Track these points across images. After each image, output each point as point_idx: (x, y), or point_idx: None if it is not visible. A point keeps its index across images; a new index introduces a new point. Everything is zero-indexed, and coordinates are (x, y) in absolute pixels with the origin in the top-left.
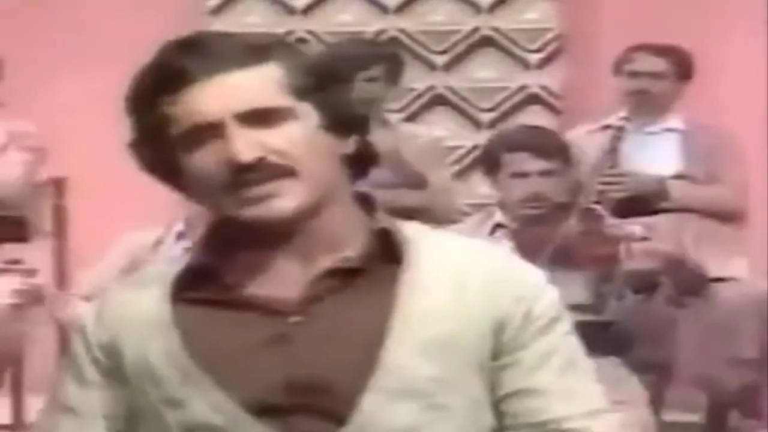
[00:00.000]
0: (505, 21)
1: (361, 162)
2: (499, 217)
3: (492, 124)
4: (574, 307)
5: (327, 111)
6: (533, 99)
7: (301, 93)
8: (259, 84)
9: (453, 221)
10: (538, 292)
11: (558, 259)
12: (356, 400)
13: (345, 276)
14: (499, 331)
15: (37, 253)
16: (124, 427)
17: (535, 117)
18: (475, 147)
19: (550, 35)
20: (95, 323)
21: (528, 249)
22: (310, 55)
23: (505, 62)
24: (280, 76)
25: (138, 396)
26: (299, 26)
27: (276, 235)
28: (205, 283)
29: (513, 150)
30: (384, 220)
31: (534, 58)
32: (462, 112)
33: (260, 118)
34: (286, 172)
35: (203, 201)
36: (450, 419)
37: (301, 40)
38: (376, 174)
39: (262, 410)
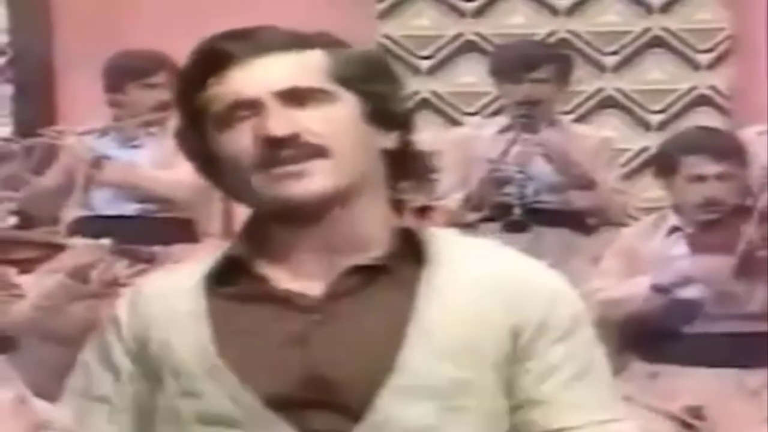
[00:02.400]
0: (675, 21)
1: (402, 160)
2: (674, 219)
3: (661, 126)
4: (754, 316)
5: (370, 102)
6: (703, 100)
7: (346, 81)
8: (302, 66)
9: (623, 223)
10: (556, 299)
11: (742, 270)
12: (372, 399)
13: (368, 274)
14: (515, 337)
15: (206, 255)
16: (146, 420)
17: (704, 118)
18: (643, 149)
19: (721, 35)
20: (130, 315)
21: (706, 253)
22: (358, 49)
23: (675, 63)
24: (325, 63)
25: (156, 388)
26: (469, 29)
27: (306, 222)
28: (236, 277)
29: (691, 152)
30: (409, 221)
31: (704, 58)
32: (631, 114)
33: (299, 97)
34: (319, 152)
35: (236, 188)
36: (466, 421)
37: (471, 43)
38: (546, 175)
39: (279, 405)
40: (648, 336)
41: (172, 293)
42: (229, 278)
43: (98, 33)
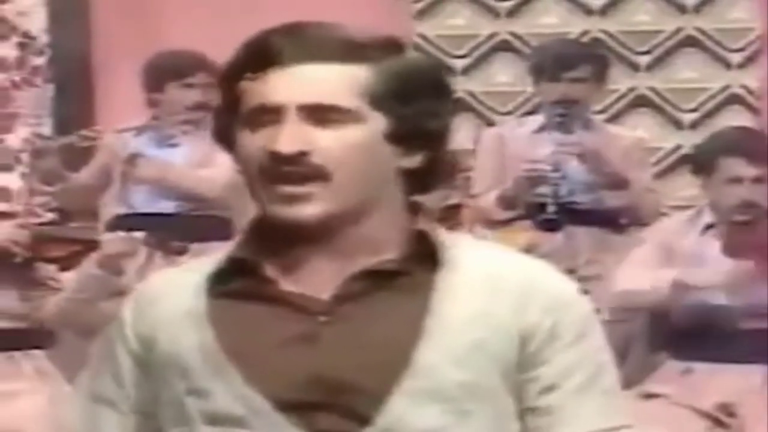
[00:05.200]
0: (707, 21)
1: (423, 177)
2: (709, 217)
3: (693, 125)
4: None
5: (399, 123)
6: (735, 99)
7: (379, 101)
8: (337, 81)
9: (654, 222)
10: (566, 305)
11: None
12: (382, 401)
13: (380, 278)
14: (526, 343)
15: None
16: (152, 423)
17: (736, 117)
18: (676, 148)
19: (752, 35)
20: (134, 315)
21: (738, 253)
22: (409, 61)
23: (708, 62)
24: (364, 80)
25: (162, 386)
26: (503, 28)
27: (311, 238)
28: (242, 277)
29: (729, 154)
30: (423, 225)
31: (736, 57)
32: (663, 113)
33: (322, 114)
34: (320, 176)
35: (248, 186)
36: (475, 424)
37: (505, 42)
38: (580, 175)
39: (287, 406)
40: (679, 333)
41: (176, 292)
42: (234, 279)
43: (137, 33)
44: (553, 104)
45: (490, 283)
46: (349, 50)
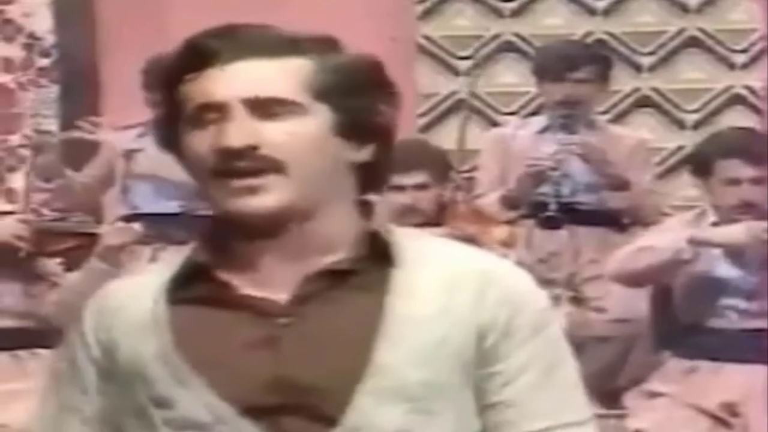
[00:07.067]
0: (710, 22)
1: (374, 172)
2: (713, 217)
3: (696, 125)
4: None
5: (346, 116)
6: (738, 100)
7: (323, 93)
8: (278, 75)
9: (657, 223)
10: (523, 299)
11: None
12: (347, 402)
13: (335, 278)
14: (483, 338)
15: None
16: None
17: (739, 118)
18: (679, 148)
19: (755, 35)
20: (96, 323)
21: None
22: (347, 57)
23: (711, 63)
24: (306, 73)
25: (125, 395)
26: (507, 29)
27: (266, 234)
28: (200, 282)
29: (726, 156)
30: (377, 224)
31: (739, 58)
32: (666, 114)
33: (267, 108)
34: (276, 167)
35: (199, 189)
36: (439, 423)
37: (509, 43)
38: (582, 175)
39: (252, 410)
40: (683, 331)
41: (136, 300)
42: (192, 284)
43: (142, 33)
44: (557, 105)
45: (448, 280)
46: (286, 45)
